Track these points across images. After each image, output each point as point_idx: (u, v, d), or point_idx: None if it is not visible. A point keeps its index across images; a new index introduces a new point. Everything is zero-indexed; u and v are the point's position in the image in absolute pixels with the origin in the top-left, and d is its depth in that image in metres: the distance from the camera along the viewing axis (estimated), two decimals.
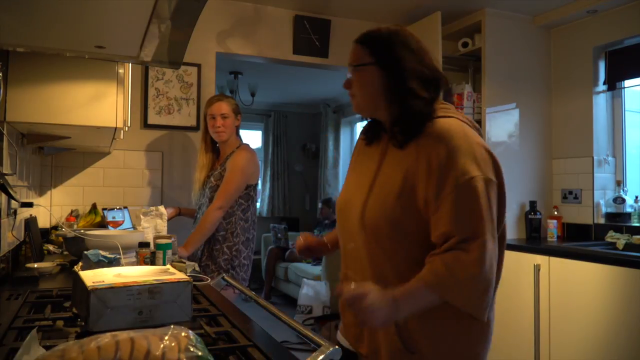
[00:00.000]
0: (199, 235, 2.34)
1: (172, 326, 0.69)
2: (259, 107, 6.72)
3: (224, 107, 2.49)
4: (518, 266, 2.95)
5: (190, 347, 0.66)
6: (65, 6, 1.19)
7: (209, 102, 2.54)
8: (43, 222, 2.80)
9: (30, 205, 1.96)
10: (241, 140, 2.60)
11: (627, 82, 3.35)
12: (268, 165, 7.09)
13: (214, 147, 2.59)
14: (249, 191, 2.47)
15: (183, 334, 0.68)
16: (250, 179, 2.46)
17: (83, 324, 1.00)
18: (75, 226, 2.60)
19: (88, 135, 2.19)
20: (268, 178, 7.09)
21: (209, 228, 2.34)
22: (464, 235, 1.05)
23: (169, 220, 2.57)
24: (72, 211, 2.89)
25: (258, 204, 6.43)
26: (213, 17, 3.23)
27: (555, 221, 3.29)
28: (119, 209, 2.79)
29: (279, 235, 5.95)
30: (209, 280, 1.66)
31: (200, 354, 0.66)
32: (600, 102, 3.37)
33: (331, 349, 0.90)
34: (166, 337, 0.66)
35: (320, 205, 6.02)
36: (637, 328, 2.35)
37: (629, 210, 3.16)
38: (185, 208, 2.79)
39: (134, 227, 2.71)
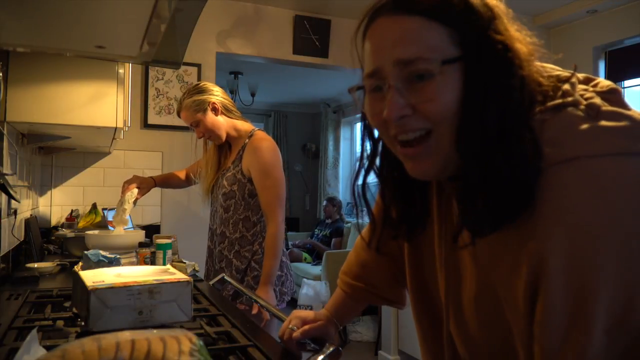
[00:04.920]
0: (273, 261, 1.83)
1: (173, 327, 0.69)
2: (259, 107, 6.71)
3: (185, 117, 2.00)
4: None
5: (194, 352, 0.66)
6: (65, 6, 1.19)
7: (177, 112, 2.08)
8: (43, 222, 2.80)
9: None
10: (247, 122, 2.04)
11: (627, 82, 3.35)
12: None
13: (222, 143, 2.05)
14: None
15: (185, 336, 0.68)
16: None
17: (83, 324, 1.00)
18: (75, 226, 2.60)
19: (88, 135, 2.19)
20: None
21: (279, 249, 1.86)
22: None
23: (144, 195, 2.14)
24: (72, 211, 2.89)
25: None
26: (213, 17, 3.23)
27: None
28: None
29: None
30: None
31: (202, 359, 0.66)
32: None
33: (331, 349, 0.91)
34: (167, 338, 0.66)
35: (324, 202, 5.98)
36: None
37: None
38: (160, 177, 2.27)
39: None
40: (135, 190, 2.08)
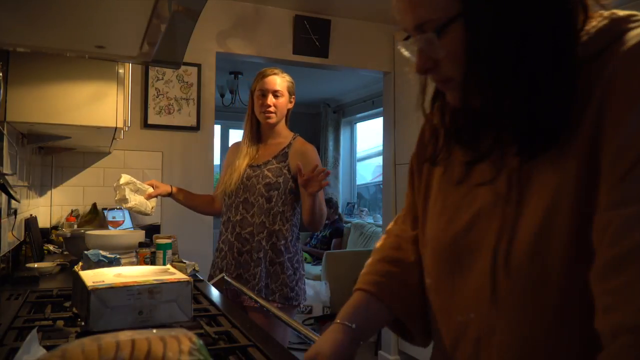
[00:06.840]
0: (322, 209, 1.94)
1: (173, 327, 0.69)
2: None
3: (278, 82, 2.07)
4: None
5: (194, 352, 0.65)
6: (65, 6, 1.19)
7: (261, 74, 2.11)
8: (43, 222, 2.80)
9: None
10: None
11: None
12: None
13: (257, 134, 2.14)
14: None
15: (185, 336, 0.68)
16: None
17: (83, 324, 1.00)
18: (75, 226, 2.60)
19: (88, 135, 2.19)
20: None
21: (322, 217, 1.96)
22: None
23: (156, 196, 2.20)
24: (72, 211, 2.89)
25: None
26: (213, 17, 3.23)
27: None
28: (119, 208, 2.79)
29: None
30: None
31: (202, 359, 0.66)
32: None
33: None
34: (167, 338, 0.66)
35: None
36: None
37: None
38: (183, 190, 2.30)
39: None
40: (128, 176, 2.09)
